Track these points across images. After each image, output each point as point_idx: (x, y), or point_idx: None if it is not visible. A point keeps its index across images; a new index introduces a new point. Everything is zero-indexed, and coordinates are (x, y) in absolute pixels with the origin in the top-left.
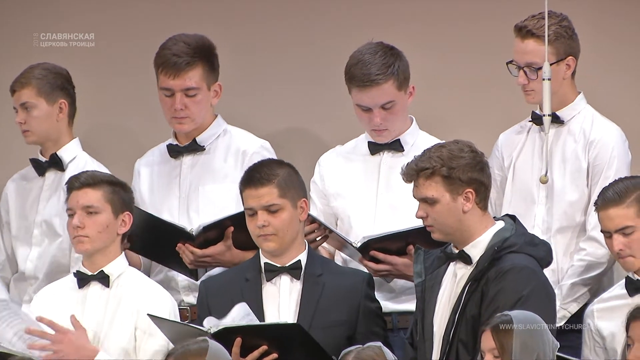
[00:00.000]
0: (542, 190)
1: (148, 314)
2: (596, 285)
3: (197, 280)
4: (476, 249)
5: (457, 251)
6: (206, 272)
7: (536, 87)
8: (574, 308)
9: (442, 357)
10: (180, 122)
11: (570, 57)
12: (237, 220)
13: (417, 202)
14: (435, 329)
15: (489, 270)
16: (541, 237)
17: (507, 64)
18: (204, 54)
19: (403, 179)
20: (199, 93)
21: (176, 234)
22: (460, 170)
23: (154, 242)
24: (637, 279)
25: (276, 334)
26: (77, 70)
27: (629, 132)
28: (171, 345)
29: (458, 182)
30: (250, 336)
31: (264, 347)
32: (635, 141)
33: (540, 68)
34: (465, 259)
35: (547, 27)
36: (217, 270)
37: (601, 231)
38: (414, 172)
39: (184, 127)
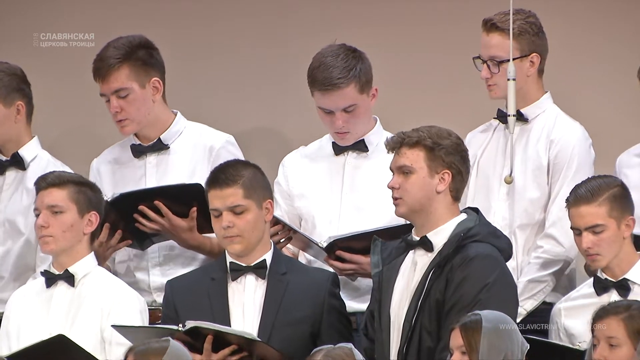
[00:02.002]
0: (504, 187)
1: (112, 325)
2: (553, 283)
3: (143, 250)
4: (439, 237)
5: (418, 238)
6: (153, 243)
7: (499, 82)
8: (529, 305)
9: (404, 345)
10: (122, 126)
11: (534, 54)
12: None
13: (382, 202)
14: (392, 318)
15: (453, 258)
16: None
17: (473, 59)
18: (130, 53)
19: (386, 147)
20: (130, 93)
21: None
22: (444, 149)
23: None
24: (605, 278)
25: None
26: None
27: (598, 131)
28: None
29: (439, 160)
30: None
31: (233, 346)
32: (604, 140)
33: (502, 61)
34: (427, 245)
35: (513, 23)
36: (183, 270)
37: (571, 228)
38: (399, 140)
39: (127, 129)
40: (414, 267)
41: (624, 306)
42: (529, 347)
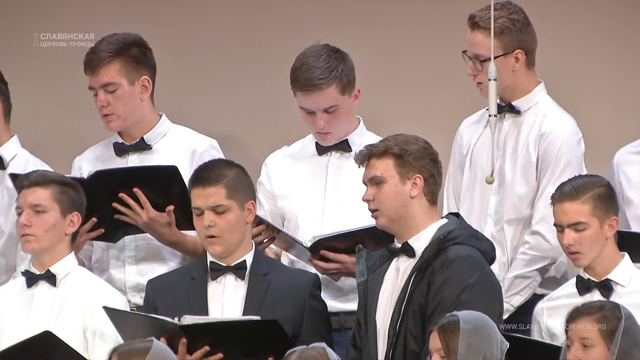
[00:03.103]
0: (495, 180)
1: (103, 307)
2: (540, 279)
3: (114, 242)
4: (420, 242)
5: (400, 245)
6: (125, 235)
7: (483, 80)
8: (516, 301)
9: (389, 350)
10: (107, 120)
11: (518, 50)
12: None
13: (365, 202)
14: (378, 325)
15: (434, 261)
16: (492, 227)
17: (463, 52)
18: (123, 49)
19: (356, 161)
20: (118, 88)
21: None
22: (412, 155)
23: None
24: (588, 278)
25: (249, 332)
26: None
27: (592, 126)
28: None
29: (409, 166)
30: (208, 336)
31: (206, 348)
32: (595, 133)
33: (484, 60)
34: (408, 251)
35: (494, 21)
36: (159, 269)
37: (554, 224)
38: (367, 152)
39: (112, 125)
40: (397, 274)
41: (597, 307)
42: (508, 346)
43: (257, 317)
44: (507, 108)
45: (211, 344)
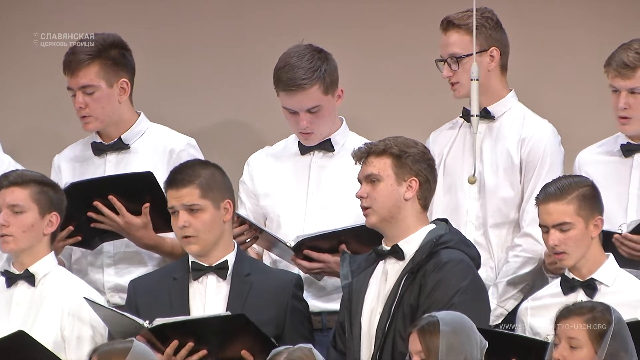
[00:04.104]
0: (474, 186)
1: (84, 297)
2: (532, 282)
3: (91, 249)
4: (410, 245)
5: (389, 247)
6: (101, 242)
7: (460, 79)
8: (511, 305)
9: (377, 351)
10: (85, 122)
11: (493, 47)
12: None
13: (348, 202)
14: (364, 327)
15: (426, 264)
16: (474, 232)
17: (436, 62)
18: (102, 51)
19: (353, 158)
20: (96, 90)
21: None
22: (411, 157)
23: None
24: (573, 278)
25: (217, 327)
26: None
27: (561, 129)
28: None
29: (406, 168)
30: (187, 334)
31: (190, 344)
32: (570, 138)
33: (461, 57)
34: (398, 254)
35: (468, 19)
36: (138, 270)
37: (539, 225)
38: (366, 150)
39: (89, 126)
40: (384, 276)
41: (588, 308)
42: (487, 346)
43: (227, 313)
44: (482, 113)
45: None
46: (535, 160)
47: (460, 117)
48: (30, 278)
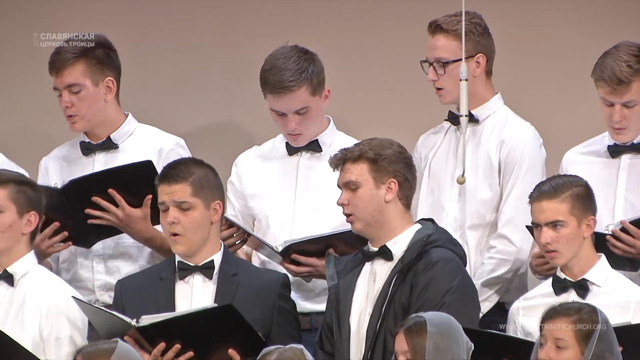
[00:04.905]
0: (455, 188)
1: (72, 297)
2: (508, 284)
3: (88, 248)
4: (398, 245)
5: (376, 249)
6: (98, 240)
7: (445, 85)
8: (486, 307)
9: (368, 350)
10: (72, 122)
11: (480, 54)
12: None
13: (335, 203)
14: (352, 328)
15: (416, 263)
16: (453, 234)
17: (421, 62)
18: (87, 50)
19: (330, 165)
20: (82, 89)
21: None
22: (387, 159)
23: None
24: (565, 278)
25: (205, 322)
26: None
27: (548, 130)
28: None
29: (383, 170)
30: (175, 334)
31: (178, 346)
32: (554, 140)
33: (448, 63)
34: (386, 255)
35: (457, 25)
36: (127, 269)
37: (532, 223)
38: (342, 156)
39: (76, 125)
40: (373, 277)
41: (575, 308)
42: (473, 347)
43: (214, 305)
44: (460, 115)
45: (174, 342)
46: (513, 162)
47: (446, 120)
48: (9, 278)
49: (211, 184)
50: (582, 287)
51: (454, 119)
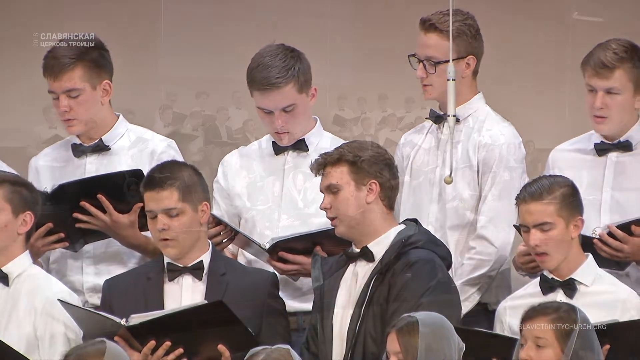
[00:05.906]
0: (435, 188)
1: (58, 299)
2: (487, 284)
3: (75, 251)
4: (379, 246)
5: (358, 250)
6: (85, 244)
7: (434, 82)
8: (467, 307)
9: (348, 352)
10: (69, 125)
11: (470, 56)
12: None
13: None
14: (335, 329)
15: (395, 264)
16: (435, 234)
17: (409, 57)
18: (85, 54)
19: (312, 171)
20: (81, 93)
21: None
22: (366, 160)
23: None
24: (552, 278)
25: (195, 319)
26: None
27: (532, 129)
28: None
29: (363, 172)
30: (165, 332)
31: (167, 344)
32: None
33: (439, 62)
34: (367, 256)
35: (452, 24)
36: (117, 270)
37: (520, 224)
38: (322, 161)
39: (74, 129)
40: (355, 278)
41: (553, 307)
42: (464, 348)
43: (204, 301)
44: (447, 116)
45: (164, 340)
46: (491, 162)
47: (427, 118)
48: (4, 278)
49: (197, 185)
50: (570, 287)
51: (434, 117)
